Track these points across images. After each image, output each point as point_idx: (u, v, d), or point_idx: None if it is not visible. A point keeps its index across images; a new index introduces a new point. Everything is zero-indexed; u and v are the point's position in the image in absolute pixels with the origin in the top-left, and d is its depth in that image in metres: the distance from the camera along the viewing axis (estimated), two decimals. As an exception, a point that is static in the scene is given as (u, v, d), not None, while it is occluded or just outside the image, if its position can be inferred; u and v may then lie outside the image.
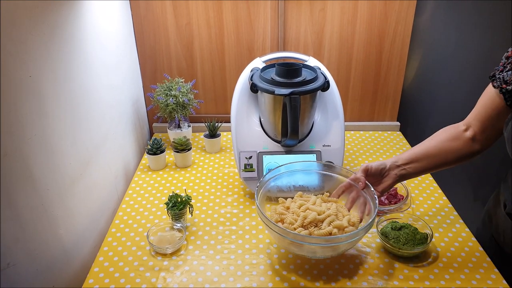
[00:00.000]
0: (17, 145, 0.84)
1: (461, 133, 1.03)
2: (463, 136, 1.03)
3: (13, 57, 0.82)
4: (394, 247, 1.07)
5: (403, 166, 1.07)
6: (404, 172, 1.07)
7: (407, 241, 1.08)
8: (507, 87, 0.89)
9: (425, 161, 1.05)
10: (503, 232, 1.02)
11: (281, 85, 1.24)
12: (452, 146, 1.03)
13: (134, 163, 1.56)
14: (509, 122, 0.88)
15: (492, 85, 0.93)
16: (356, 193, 1.12)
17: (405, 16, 1.60)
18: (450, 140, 1.04)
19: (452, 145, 1.04)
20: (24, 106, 0.86)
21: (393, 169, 1.07)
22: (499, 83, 0.91)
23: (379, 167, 1.08)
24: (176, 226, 1.18)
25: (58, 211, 1.00)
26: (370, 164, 1.09)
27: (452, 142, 1.04)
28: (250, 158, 1.35)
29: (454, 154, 1.04)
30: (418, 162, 1.06)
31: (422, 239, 1.09)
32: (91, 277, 1.05)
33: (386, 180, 1.08)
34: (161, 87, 1.56)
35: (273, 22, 1.60)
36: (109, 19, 1.34)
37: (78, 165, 1.10)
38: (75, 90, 1.08)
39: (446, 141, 1.05)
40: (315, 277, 1.05)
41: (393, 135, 1.78)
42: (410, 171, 1.06)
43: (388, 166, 1.08)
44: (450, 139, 1.04)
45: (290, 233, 0.99)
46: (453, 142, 1.04)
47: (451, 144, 1.04)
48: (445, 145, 1.04)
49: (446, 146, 1.04)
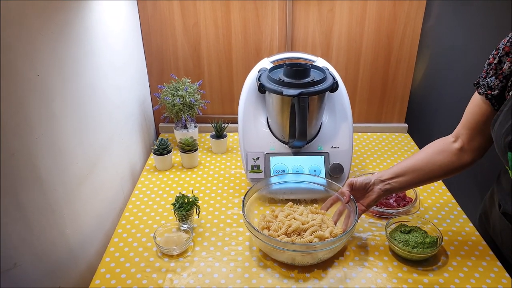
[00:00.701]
0: (24, 145, 0.83)
1: (449, 145, 1.03)
2: (451, 147, 1.02)
3: (21, 57, 0.82)
4: (404, 250, 1.06)
5: (388, 180, 1.07)
6: (388, 186, 1.07)
7: (417, 245, 1.07)
8: (493, 93, 0.90)
9: (411, 175, 1.05)
10: (500, 233, 1.02)
11: (289, 85, 1.23)
12: (439, 159, 1.03)
13: (140, 164, 1.56)
14: (495, 123, 0.88)
15: (477, 92, 0.94)
16: (342, 206, 1.14)
17: (414, 17, 1.59)
18: (437, 153, 1.04)
19: (439, 157, 1.03)
20: (32, 105, 0.86)
21: (377, 184, 1.09)
22: (484, 90, 0.92)
23: (363, 182, 1.10)
24: (183, 227, 1.17)
25: (65, 211, 1.00)
26: (355, 179, 1.11)
27: (439, 155, 1.03)
28: (257, 159, 1.34)
29: (441, 166, 1.03)
30: (404, 176, 1.06)
31: (431, 242, 1.08)
32: (97, 277, 1.04)
33: (371, 194, 1.10)
34: (168, 87, 1.56)
35: (281, 22, 1.59)
36: (116, 19, 1.34)
37: (85, 166, 1.09)
38: (82, 90, 1.08)
39: (434, 154, 1.04)
40: (323, 280, 1.03)
41: (401, 137, 1.76)
42: (395, 185, 1.07)
43: (372, 181, 1.09)
44: (438, 151, 1.04)
45: (272, 240, 1.04)
46: (440, 154, 1.03)
47: (438, 157, 1.03)
48: (432, 158, 1.04)
49: (433, 159, 1.04)
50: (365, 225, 1.22)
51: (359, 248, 1.14)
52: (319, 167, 1.32)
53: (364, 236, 1.18)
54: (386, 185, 1.08)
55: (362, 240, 1.17)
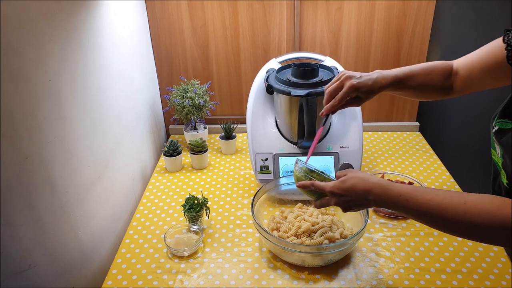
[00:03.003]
0: (37, 149, 0.85)
1: (448, 64, 0.97)
2: (448, 65, 0.96)
3: (33, 62, 0.83)
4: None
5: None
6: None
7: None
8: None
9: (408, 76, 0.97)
10: None
11: (297, 86, 1.23)
12: (436, 67, 0.96)
13: (151, 165, 1.57)
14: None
15: (502, 39, 0.82)
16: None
17: (424, 15, 1.57)
18: (435, 64, 0.97)
19: (436, 66, 0.96)
20: (44, 110, 0.87)
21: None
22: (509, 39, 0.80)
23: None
24: (193, 228, 1.18)
25: (77, 213, 1.01)
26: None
27: (437, 65, 0.97)
28: (266, 160, 1.34)
29: (433, 77, 0.96)
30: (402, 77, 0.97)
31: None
32: (109, 278, 1.05)
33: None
34: (177, 89, 1.57)
35: (288, 22, 1.59)
36: (125, 22, 1.35)
37: (96, 168, 1.11)
38: (92, 93, 1.09)
39: (432, 64, 0.98)
40: (334, 281, 1.03)
41: (412, 135, 1.74)
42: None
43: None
44: (436, 63, 0.98)
45: (282, 241, 1.04)
46: (438, 65, 0.97)
47: (435, 66, 0.97)
48: (430, 66, 0.97)
49: (430, 66, 0.97)
50: (376, 225, 1.22)
51: (370, 249, 1.13)
52: (329, 167, 1.32)
53: (375, 237, 1.18)
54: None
55: (373, 241, 1.16)
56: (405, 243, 1.15)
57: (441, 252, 1.11)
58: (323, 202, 0.93)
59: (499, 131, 0.76)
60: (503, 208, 0.65)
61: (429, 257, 1.10)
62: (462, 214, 0.68)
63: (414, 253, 1.11)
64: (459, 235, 0.73)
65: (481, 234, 0.68)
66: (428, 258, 1.10)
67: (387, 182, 0.81)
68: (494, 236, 0.67)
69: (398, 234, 1.18)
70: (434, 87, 0.98)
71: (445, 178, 1.43)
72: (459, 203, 0.69)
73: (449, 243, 1.14)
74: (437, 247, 1.13)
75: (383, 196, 0.80)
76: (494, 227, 0.65)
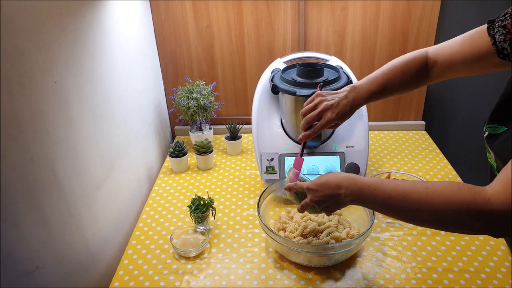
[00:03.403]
0: (43, 151, 0.85)
1: (422, 57, 0.94)
2: (422, 58, 0.94)
3: (39, 64, 0.83)
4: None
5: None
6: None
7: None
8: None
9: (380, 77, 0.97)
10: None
11: (302, 85, 1.23)
12: (410, 65, 0.95)
13: (157, 166, 1.57)
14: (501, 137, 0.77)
15: (487, 32, 0.79)
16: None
17: (430, 13, 1.56)
18: (409, 62, 0.95)
19: (410, 63, 0.95)
20: (50, 112, 0.87)
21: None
22: (496, 32, 0.77)
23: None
24: (199, 229, 1.18)
25: (84, 215, 1.01)
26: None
27: (410, 62, 0.95)
28: (272, 160, 1.34)
29: (408, 77, 0.95)
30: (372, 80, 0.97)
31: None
32: (116, 280, 1.06)
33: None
34: (182, 90, 1.57)
35: (293, 22, 1.59)
36: (130, 23, 1.35)
37: (102, 169, 1.11)
38: (98, 95, 1.10)
39: (405, 62, 0.96)
40: (341, 281, 1.03)
41: (418, 134, 1.73)
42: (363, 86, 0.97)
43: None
44: (409, 60, 0.95)
45: (288, 241, 1.04)
46: (412, 62, 0.95)
47: (409, 63, 0.95)
48: (403, 65, 0.96)
49: (404, 65, 0.96)
50: (382, 225, 1.21)
51: (377, 248, 1.13)
52: (335, 167, 1.31)
53: (382, 236, 1.17)
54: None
55: (379, 241, 1.15)
56: (412, 242, 1.14)
57: (449, 251, 1.11)
58: (303, 204, 0.94)
59: (490, 136, 0.76)
60: (461, 192, 0.66)
61: (436, 256, 1.09)
62: (424, 198, 0.69)
63: (421, 252, 1.11)
64: (423, 222, 0.74)
65: (441, 219, 0.69)
66: (435, 257, 1.09)
67: (358, 176, 0.83)
68: (453, 220, 0.67)
69: (405, 233, 1.18)
70: (410, 85, 0.97)
71: (451, 177, 1.42)
72: (422, 188, 0.71)
73: (457, 242, 1.13)
74: (444, 246, 1.12)
75: (352, 188, 0.80)
76: (452, 210, 0.66)
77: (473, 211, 0.64)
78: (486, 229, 0.65)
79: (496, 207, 0.62)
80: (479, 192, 0.65)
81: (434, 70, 0.93)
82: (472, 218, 0.64)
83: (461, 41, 0.87)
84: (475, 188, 0.66)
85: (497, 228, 0.64)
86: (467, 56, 0.84)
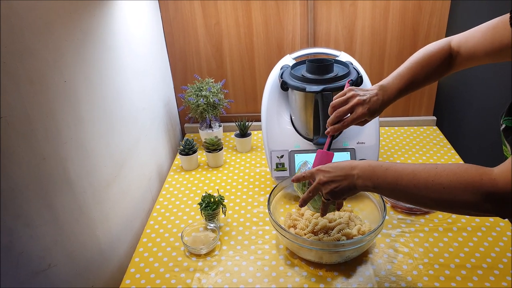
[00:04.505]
0: (54, 149, 0.86)
1: (445, 48, 0.94)
2: (445, 49, 0.94)
3: (49, 64, 0.84)
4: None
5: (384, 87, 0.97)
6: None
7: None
8: None
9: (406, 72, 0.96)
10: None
11: (312, 82, 1.22)
12: (434, 57, 0.95)
13: (167, 164, 1.58)
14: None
15: (509, 23, 0.77)
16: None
17: (440, 7, 1.54)
18: (432, 54, 0.95)
19: (433, 56, 0.95)
20: (60, 111, 0.88)
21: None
22: None
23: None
24: (209, 227, 1.18)
25: (95, 213, 1.02)
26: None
27: (434, 55, 0.95)
28: (282, 157, 1.33)
29: (433, 70, 0.94)
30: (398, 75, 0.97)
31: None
32: (127, 277, 1.06)
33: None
34: (191, 88, 1.57)
35: (302, 18, 1.57)
36: (139, 22, 1.36)
37: (112, 168, 1.12)
38: (108, 94, 1.10)
39: (429, 55, 0.96)
40: (352, 278, 1.02)
41: (429, 130, 1.71)
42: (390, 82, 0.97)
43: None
44: (432, 52, 0.95)
45: (299, 238, 1.04)
46: (435, 54, 0.95)
47: (433, 56, 0.95)
48: (427, 58, 0.95)
49: (428, 58, 0.95)
50: (393, 221, 1.20)
51: (388, 245, 1.12)
52: (345, 163, 1.30)
53: (393, 233, 1.16)
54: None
55: (391, 237, 1.14)
56: (424, 239, 1.13)
57: (461, 248, 1.09)
58: (310, 189, 0.91)
59: (507, 128, 0.75)
60: (468, 171, 0.67)
61: (449, 253, 1.08)
62: (432, 177, 0.70)
63: (433, 249, 1.09)
64: (430, 202, 0.73)
65: (449, 198, 0.69)
66: (448, 254, 1.08)
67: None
68: (459, 200, 0.68)
69: (417, 229, 1.16)
70: (435, 77, 0.97)
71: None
72: (431, 168, 0.72)
73: (469, 238, 1.12)
74: (456, 243, 1.11)
75: (365, 168, 0.81)
76: (459, 188, 0.67)
77: (480, 191, 0.65)
78: (492, 210, 0.66)
79: (501, 187, 0.63)
80: (485, 172, 0.66)
81: (457, 59, 0.93)
82: (478, 197, 0.65)
83: (484, 31, 0.86)
84: (482, 169, 0.66)
85: (503, 208, 0.65)
86: (488, 47, 0.84)
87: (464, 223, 1.17)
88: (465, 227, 1.16)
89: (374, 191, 0.82)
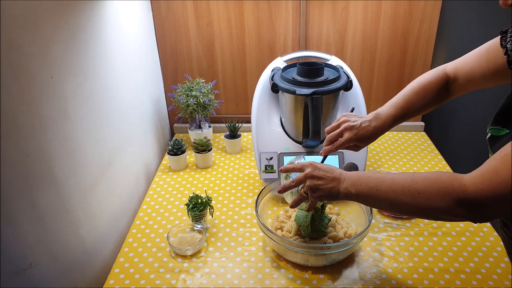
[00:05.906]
0: (39, 146, 0.85)
1: (441, 76, 0.96)
2: (442, 77, 0.95)
3: (35, 58, 0.83)
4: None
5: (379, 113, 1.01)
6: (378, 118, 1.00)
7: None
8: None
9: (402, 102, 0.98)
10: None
11: (302, 85, 1.22)
12: (430, 85, 0.96)
13: (155, 164, 1.57)
14: None
15: (499, 43, 0.80)
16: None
17: (431, 14, 1.55)
18: (428, 82, 0.97)
19: (429, 84, 0.96)
20: (46, 107, 0.87)
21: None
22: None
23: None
24: (196, 227, 1.18)
25: (80, 212, 1.01)
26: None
27: (430, 82, 0.96)
28: (271, 159, 1.33)
29: (429, 98, 0.96)
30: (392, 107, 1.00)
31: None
32: (112, 277, 1.05)
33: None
34: (182, 88, 1.56)
35: (294, 21, 1.58)
36: (130, 20, 1.35)
37: (99, 166, 1.10)
38: (96, 91, 1.09)
39: (424, 83, 0.97)
40: (337, 281, 1.02)
41: (417, 135, 1.73)
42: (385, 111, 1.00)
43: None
44: (428, 80, 0.97)
45: (285, 240, 1.03)
46: (431, 82, 0.96)
47: (429, 84, 0.96)
48: (423, 86, 0.97)
49: (424, 86, 0.97)
50: (380, 225, 1.21)
51: (374, 248, 1.12)
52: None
53: (379, 236, 1.16)
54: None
55: (376, 241, 1.15)
56: (409, 243, 1.14)
57: (445, 252, 1.10)
58: (295, 178, 0.92)
59: (492, 138, 0.76)
60: (441, 177, 0.71)
61: (433, 257, 1.09)
62: (409, 183, 0.74)
63: (418, 253, 1.10)
64: (407, 208, 0.75)
65: (423, 203, 0.71)
66: (432, 258, 1.08)
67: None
68: (433, 204, 0.70)
69: (402, 234, 1.17)
70: (432, 105, 0.99)
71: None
72: (408, 175, 0.76)
73: (453, 243, 1.13)
74: (441, 247, 1.12)
75: (351, 174, 0.84)
76: (433, 193, 0.70)
77: (451, 196, 0.68)
78: (464, 214, 0.68)
79: (470, 192, 0.65)
80: (457, 178, 0.68)
81: (455, 85, 0.95)
82: (450, 202, 0.68)
83: (477, 55, 0.88)
84: (454, 175, 0.69)
85: (474, 213, 0.67)
86: (485, 69, 0.86)
87: (449, 228, 1.18)
88: (449, 232, 1.17)
89: (356, 199, 0.83)
